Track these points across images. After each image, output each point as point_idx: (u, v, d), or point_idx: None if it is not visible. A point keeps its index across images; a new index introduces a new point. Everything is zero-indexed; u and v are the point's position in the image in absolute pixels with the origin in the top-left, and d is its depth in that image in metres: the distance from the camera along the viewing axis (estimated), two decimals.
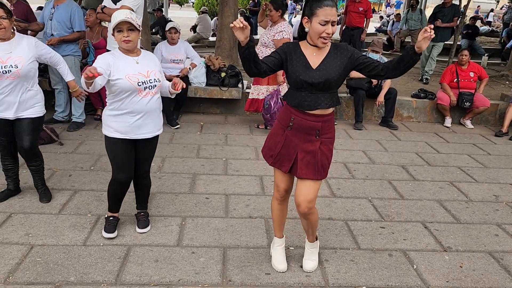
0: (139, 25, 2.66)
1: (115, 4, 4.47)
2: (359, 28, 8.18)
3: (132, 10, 4.42)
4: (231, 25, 2.16)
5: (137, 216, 3.16)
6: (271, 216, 2.76)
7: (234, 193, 3.76)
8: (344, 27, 8.44)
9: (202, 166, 4.31)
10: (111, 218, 3.03)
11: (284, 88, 5.17)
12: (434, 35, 2.19)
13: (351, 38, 8.25)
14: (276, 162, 2.52)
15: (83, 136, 4.94)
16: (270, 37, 5.05)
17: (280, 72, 5.06)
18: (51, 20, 4.73)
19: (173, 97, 3.06)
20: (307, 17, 2.28)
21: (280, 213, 2.72)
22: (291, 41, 4.98)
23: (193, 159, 4.46)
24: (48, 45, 4.66)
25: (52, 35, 4.78)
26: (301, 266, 2.77)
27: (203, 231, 3.13)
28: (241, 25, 2.11)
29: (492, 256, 3.05)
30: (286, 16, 5.25)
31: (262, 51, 5.09)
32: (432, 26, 2.20)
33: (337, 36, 12.77)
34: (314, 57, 2.34)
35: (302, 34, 2.39)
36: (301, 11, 2.75)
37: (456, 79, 6.18)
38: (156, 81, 2.80)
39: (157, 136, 2.98)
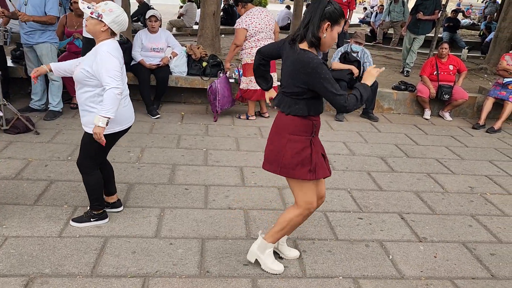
0: (96, 13, 2.61)
1: None
2: None
3: None
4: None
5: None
6: (288, 227, 2.55)
7: (213, 184, 3.75)
8: None
9: (182, 156, 4.28)
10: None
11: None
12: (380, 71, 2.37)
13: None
14: (318, 173, 2.41)
15: (60, 125, 4.84)
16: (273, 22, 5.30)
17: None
18: (25, 5, 4.59)
19: None
20: (330, 23, 2.20)
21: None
22: (242, 29, 5.08)
23: (173, 150, 4.42)
24: (20, 20, 4.54)
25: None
26: (280, 257, 2.79)
27: (181, 222, 3.12)
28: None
29: (465, 246, 3.12)
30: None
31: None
32: (382, 69, 2.41)
33: None
34: None
35: (315, 41, 2.23)
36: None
37: (436, 72, 6.25)
38: None
39: None
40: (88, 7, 2.63)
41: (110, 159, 4.00)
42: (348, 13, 8.22)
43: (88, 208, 3.02)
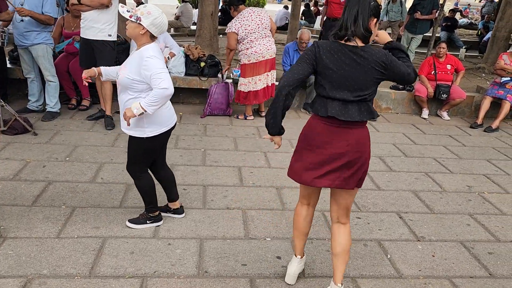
0: (135, 17, 2.58)
1: None
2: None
3: None
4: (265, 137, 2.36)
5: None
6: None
7: (212, 184, 3.75)
8: (325, 18, 8.43)
9: (180, 156, 4.27)
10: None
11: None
12: None
13: (333, 29, 8.23)
14: None
15: (58, 126, 4.83)
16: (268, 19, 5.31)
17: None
18: (22, 5, 4.57)
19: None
20: (376, 20, 2.16)
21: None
22: (232, 33, 5.15)
23: (171, 150, 4.41)
24: (19, 15, 4.52)
25: (22, 20, 4.63)
26: (278, 257, 2.79)
27: (180, 223, 3.12)
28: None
29: (464, 245, 3.12)
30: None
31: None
32: None
33: (317, 26, 12.79)
34: None
35: (369, 35, 2.15)
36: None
37: (433, 71, 6.26)
38: None
39: None
40: (127, 10, 2.61)
41: (108, 159, 4.02)
42: None
43: (144, 210, 3.05)
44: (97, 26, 4.48)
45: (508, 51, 6.30)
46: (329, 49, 2.13)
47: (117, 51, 5.05)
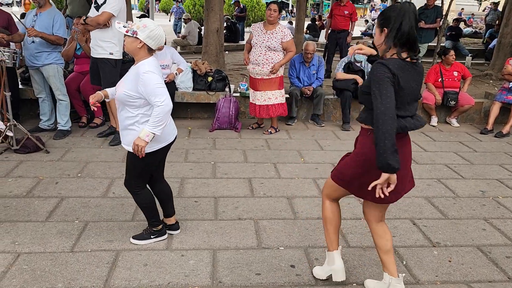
0: (131, 31, 2.60)
1: (98, 11, 4.45)
2: (345, 31, 8.26)
3: (113, 15, 4.42)
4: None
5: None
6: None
7: (223, 195, 3.75)
8: (329, 30, 8.51)
9: (191, 170, 4.29)
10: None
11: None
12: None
13: (337, 41, 8.32)
14: None
15: (69, 143, 4.89)
16: (278, 40, 5.12)
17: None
18: (33, 27, 4.69)
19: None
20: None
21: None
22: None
23: (181, 164, 4.44)
24: (29, 36, 4.61)
25: (33, 42, 4.74)
26: (292, 266, 2.77)
27: (192, 234, 3.11)
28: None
29: (480, 250, 3.07)
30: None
31: (270, 56, 5.14)
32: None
33: (322, 39, 12.89)
34: None
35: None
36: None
37: (440, 79, 6.26)
38: None
39: None
40: (124, 26, 2.63)
41: (119, 174, 4.05)
42: (350, 24, 8.30)
43: (147, 225, 3.02)
44: (100, 44, 4.56)
45: None
46: (398, 68, 2.10)
47: (125, 68, 5.11)
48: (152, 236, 2.99)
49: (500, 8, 15.45)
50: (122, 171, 4.15)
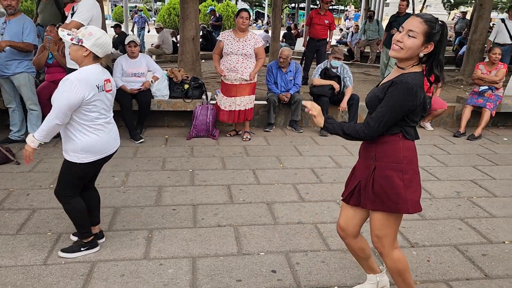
0: (76, 39, 2.56)
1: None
2: (324, 39, 8.32)
3: (82, 25, 4.33)
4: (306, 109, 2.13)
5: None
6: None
7: (201, 203, 3.70)
8: (308, 38, 8.52)
9: (168, 178, 4.22)
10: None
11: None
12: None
13: (317, 49, 8.32)
14: (344, 192, 2.35)
15: (41, 154, 4.74)
16: (252, 47, 5.19)
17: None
18: (2, 35, 4.56)
19: None
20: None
21: (352, 252, 2.43)
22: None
23: (159, 172, 4.36)
24: None
25: (3, 51, 4.60)
26: (273, 271, 2.74)
27: (171, 243, 3.05)
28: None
29: (457, 249, 3.12)
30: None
31: (247, 62, 5.19)
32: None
33: (298, 47, 13.03)
34: (387, 78, 2.14)
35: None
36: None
37: None
38: None
39: None
40: (68, 33, 2.58)
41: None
42: (328, 33, 8.36)
43: (77, 237, 2.92)
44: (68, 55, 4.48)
45: (484, 61, 6.49)
46: (421, 84, 2.00)
47: None
48: (82, 249, 2.84)
49: (468, 16, 16.01)
50: (97, 181, 4.03)
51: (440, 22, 1.97)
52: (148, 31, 17.43)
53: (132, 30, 18.70)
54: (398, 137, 2.06)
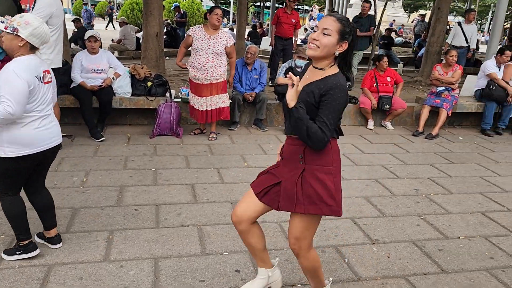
0: (11, 28, 2.41)
1: None
2: (291, 38, 8.38)
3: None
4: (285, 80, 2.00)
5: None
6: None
7: (164, 202, 3.64)
8: (275, 37, 8.52)
9: (130, 177, 4.12)
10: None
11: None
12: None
13: (284, 48, 8.35)
14: (254, 183, 2.26)
15: None
16: (223, 45, 5.12)
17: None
18: None
19: None
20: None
21: (246, 244, 2.32)
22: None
23: (120, 171, 4.25)
24: None
25: None
26: (237, 271, 2.72)
27: (132, 244, 2.97)
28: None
29: (415, 244, 3.22)
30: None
31: (217, 61, 5.12)
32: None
33: (264, 46, 13.06)
34: (305, 80, 2.09)
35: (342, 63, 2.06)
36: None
37: (375, 84, 6.55)
38: None
39: None
40: (2, 21, 2.42)
41: (51, 185, 3.79)
42: (294, 32, 8.41)
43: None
44: None
45: (441, 63, 6.74)
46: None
47: (59, 73, 4.84)
48: (17, 252, 2.69)
49: (427, 19, 16.58)
50: (54, 180, 3.90)
51: (351, 23, 2.01)
52: (92, 26, 17.19)
53: (107, 27, 18.16)
54: (329, 140, 2.04)
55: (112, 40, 12.00)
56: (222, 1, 47.74)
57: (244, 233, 2.27)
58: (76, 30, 12.10)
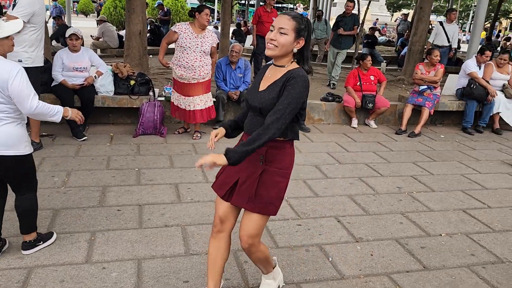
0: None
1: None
2: None
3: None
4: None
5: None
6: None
7: (148, 203, 3.60)
8: (256, 36, 8.50)
9: (113, 177, 4.07)
10: None
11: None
12: None
13: (265, 46, 8.34)
14: (216, 185, 2.28)
15: None
16: (210, 45, 5.09)
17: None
18: None
19: None
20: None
21: (213, 251, 2.28)
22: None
23: (103, 171, 4.19)
24: None
25: None
26: None
27: (115, 245, 2.94)
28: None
29: (398, 242, 3.26)
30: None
31: (204, 60, 5.07)
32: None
33: (248, 44, 13.04)
34: (267, 79, 2.11)
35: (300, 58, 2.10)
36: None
37: (359, 83, 6.60)
38: None
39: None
40: None
41: None
42: None
43: None
44: (15, 50, 4.17)
45: (423, 62, 6.82)
46: None
47: (40, 71, 4.74)
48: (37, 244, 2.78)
49: (409, 18, 16.79)
50: None
51: (305, 19, 2.04)
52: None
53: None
54: (289, 144, 2.13)
55: (91, 36, 11.75)
56: None
57: (222, 241, 2.29)
58: (57, 27, 11.88)
